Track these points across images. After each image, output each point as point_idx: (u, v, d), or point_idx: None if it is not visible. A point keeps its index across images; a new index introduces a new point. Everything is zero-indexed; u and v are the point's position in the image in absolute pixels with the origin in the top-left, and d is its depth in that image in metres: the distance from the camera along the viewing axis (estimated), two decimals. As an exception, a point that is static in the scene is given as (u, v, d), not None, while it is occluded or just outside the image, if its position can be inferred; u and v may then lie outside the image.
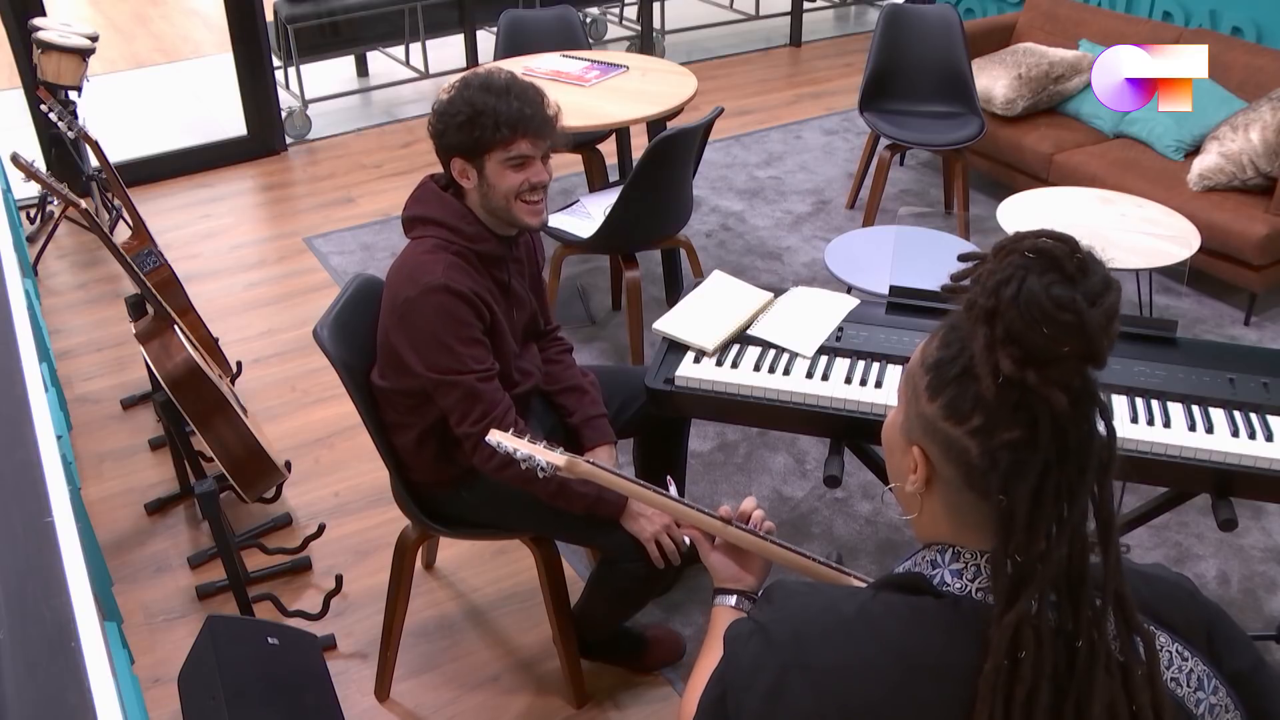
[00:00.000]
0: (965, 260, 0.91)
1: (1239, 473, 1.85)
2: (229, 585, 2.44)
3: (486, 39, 5.53)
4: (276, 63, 5.26)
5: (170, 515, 2.89)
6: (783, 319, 2.22)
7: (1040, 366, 0.83)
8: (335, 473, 3.04)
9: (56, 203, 2.71)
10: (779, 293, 2.31)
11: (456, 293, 1.91)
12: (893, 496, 1.05)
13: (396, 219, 2.10)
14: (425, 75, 5.80)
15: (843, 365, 2.09)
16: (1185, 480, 1.94)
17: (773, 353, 2.14)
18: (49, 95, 3.24)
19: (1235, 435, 1.89)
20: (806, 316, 2.22)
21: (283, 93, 5.24)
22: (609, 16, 6.82)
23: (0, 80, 6.18)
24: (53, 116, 3.19)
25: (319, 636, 2.37)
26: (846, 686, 0.90)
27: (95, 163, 3.89)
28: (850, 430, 2.04)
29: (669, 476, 1.66)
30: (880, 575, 1.01)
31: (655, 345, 2.21)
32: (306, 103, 5.34)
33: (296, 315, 3.82)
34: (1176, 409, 1.95)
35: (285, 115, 5.19)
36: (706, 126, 3.14)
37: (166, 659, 2.42)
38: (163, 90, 6.44)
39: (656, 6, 6.48)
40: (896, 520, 2.78)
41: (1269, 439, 1.88)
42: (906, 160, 4.92)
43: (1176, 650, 0.94)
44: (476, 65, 5.15)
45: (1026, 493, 0.86)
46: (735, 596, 1.30)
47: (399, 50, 5.86)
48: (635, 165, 2.99)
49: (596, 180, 3.89)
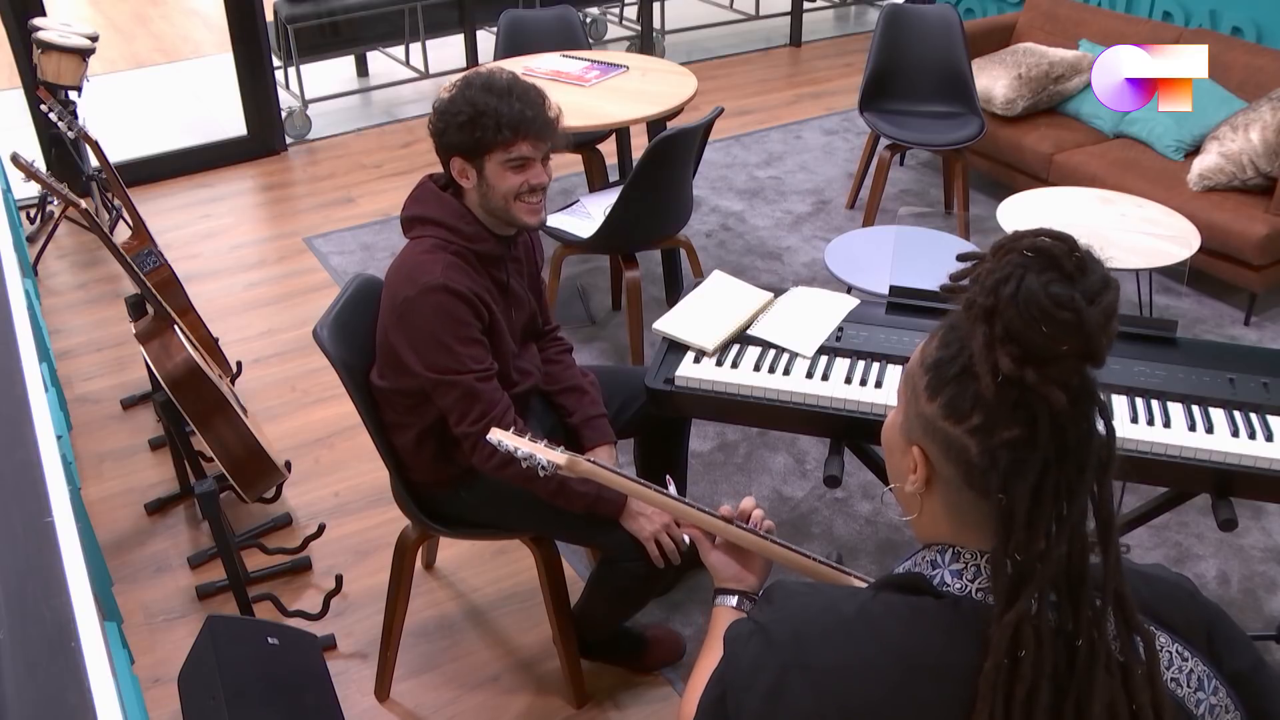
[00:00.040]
0: (964, 260, 0.92)
1: (1239, 473, 1.85)
2: (229, 585, 2.44)
3: (486, 39, 5.53)
4: (276, 63, 5.26)
5: (170, 515, 2.89)
6: (783, 319, 2.22)
7: (1039, 365, 0.84)
8: (335, 473, 3.04)
9: (56, 203, 2.71)
10: (779, 293, 2.31)
11: (455, 292, 1.91)
12: (893, 497, 1.05)
13: (396, 219, 2.10)
14: (425, 75, 5.80)
15: (843, 365, 2.09)
16: (1185, 480, 1.94)
17: (773, 353, 2.14)
18: (49, 95, 3.24)
19: (1235, 435, 1.89)
20: (806, 316, 2.22)
21: (283, 93, 5.24)
22: (609, 16, 6.82)
23: (0, 80, 6.19)
24: (53, 116, 3.19)
25: (319, 636, 2.37)
26: (846, 686, 0.91)
27: (95, 163, 3.89)
28: (850, 430, 2.04)
29: (668, 476, 1.66)
30: (880, 575, 1.01)
31: (655, 345, 2.21)
32: (306, 103, 5.34)
33: (296, 315, 3.82)
34: (1176, 409, 1.95)
35: (285, 115, 5.20)
36: (706, 126, 3.14)
37: (166, 659, 2.42)
38: (163, 90, 6.43)
39: (656, 6, 6.48)
40: (896, 520, 2.77)
41: (1269, 439, 1.88)
42: (906, 160, 4.92)
43: (1176, 650, 0.94)
44: (476, 65, 5.15)
45: (1026, 491, 0.86)
46: (736, 597, 1.30)
47: (399, 50, 5.86)
48: (635, 165, 2.99)
49: (596, 180, 3.89)
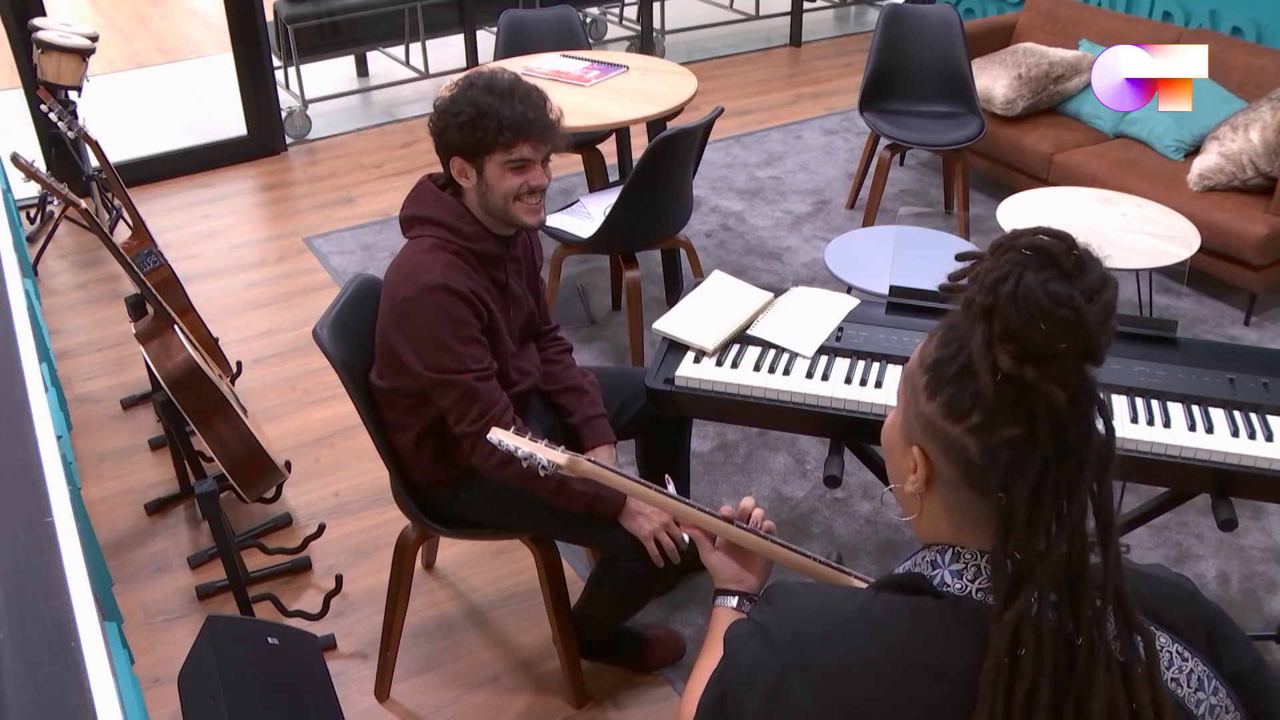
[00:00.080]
0: (962, 259, 0.92)
1: (1239, 473, 1.85)
2: (229, 585, 2.44)
3: (486, 39, 5.53)
4: (276, 63, 5.26)
5: (170, 515, 2.89)
6: (783, 319, 2.22)
7: (1038, 363, 0.84)
8: (335, 473, 3.04)
9: (56, 203, 2.71)
10: (779, 293, 2.31)
11: (455, 292, 1.91)
12: (893, 497, 1.05)
13: (396, 219, 2.10)
14: (425, 75, 5.80)
15: (843, 365, 2.09)
16: (1185, 480, 1.94)
17: (773, 353, 2.14)
18: (49, 95, 3.24)
19: (1235, 435, 1.89)
20: (806, 316, 2.22)
21: (283, 93, 5.24)
22: (609, 16, 6.82)
23: (0, 80, 6.19)
24: (53, 116, 3.19)
25: (319, 636, 2.37)
26: (846, 687, 0.90)
27: (95, 163, 3.89)
28: (850, 430, 2.04)
29: (666, 475, 1.66)
30: (880, 575, 1.01)
31: (655, 345, 2.21)
32: (306, 103, 5.34)
33: (296, 315, 3.82)
34: (1176, 409, 1.95)
35: (285, 115, 5.20)
36: (706, 126, 3.14)
37: (166, 659, 2.42)
38: (163, 90, 6.44)
39: (656, 6, 6.48)
40: (896, 520, 2.77)
41: (1269, 439, 1.88)
42: (906, 160, 4.92)
43: (1177, 651, 0.94)
44: (476, 65, 5.15)
45: (1026, 490, 0.86)
46: (736, 598, 1.30)
47: (399, 50, 5.86)
48: (635, 165, 2.99)
49: (596, 180, 3.88)
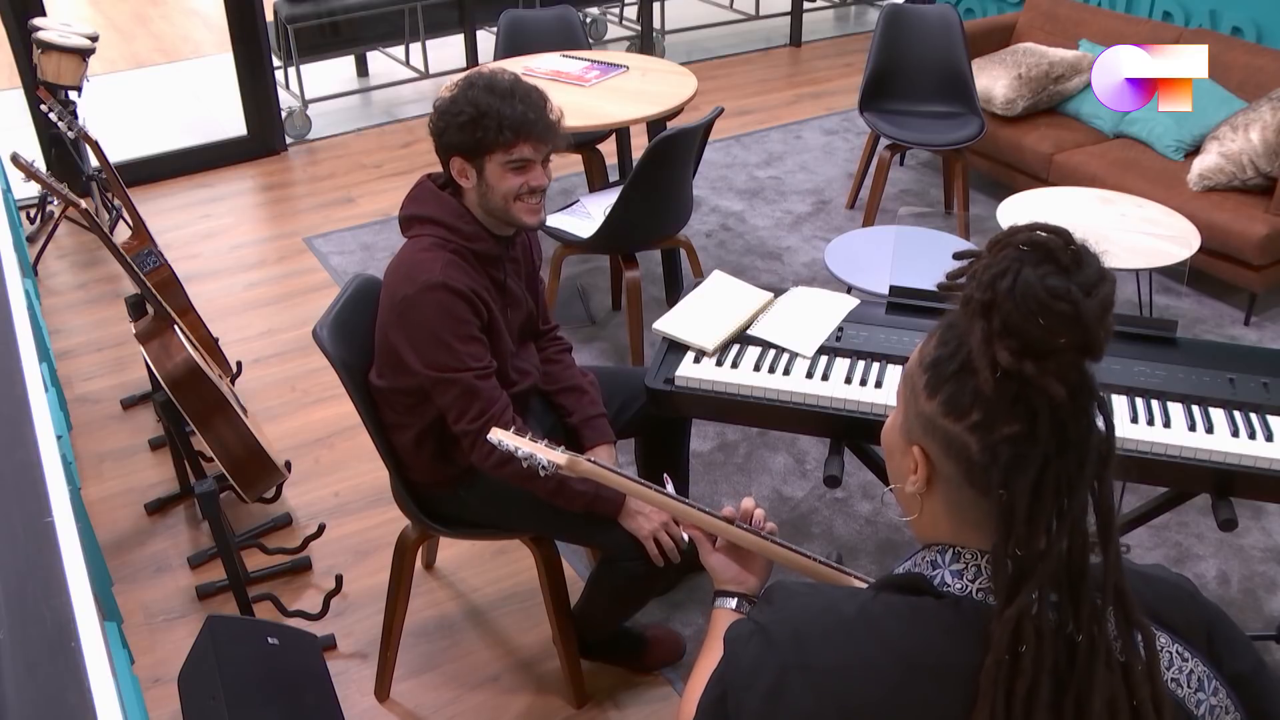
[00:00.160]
0: (961, 258, 0.92)
1: (1239, 473, 1.85)
2: (229, 585, 2.44)
3: (486, 39, 5.53)
4: (276, 63, 5.26)
5: (170, 515, 2.89)
6: (783, 319, 2.22)
7: (1038, 358, 0.83)
8: (335, 473, 3.04)
9: (56, 203, 2.71)
10: (779, 293, 2.31)
11: (454, 290, 1.91)
12: (893, 497, 1.05)
13: (396, 219, 2.10)
14: (425, 75, 5.80)
15: (843, 365, 2.09)
16: (1185, 480, 1.94)
17: (773, 353, 2.13)
18: (49, 95, 3.24)
19: (1235, 435, 1.89)
20: (806, 316, 2.22)
21: (283, 93, 5.24)
22: (609, 16, 6.82)
23: (0, 80, 6.19)
24: (53, 116, 3.19)
25: (319, 636, 2.37)
26: (847, 687, 0.90)
27: (95, 163, 3.89)
28: (850, 430, 2.04)
29: (665, 475, 1.66)
30: (880, 575, 1.01)
31: (655, 345, 2.21)
32: (306, 103, 5.34)
33: (296, 315, 3.82)
34: (1176, 409, 1.95)
35: (285, 115, 5.20)
36: (706, 126, 3.14)
37: (166, 659, 2.42)
38: (163, 90, 6.44)
39: (656, 6, 6.48)
40: (896, 520, 2.77)
41: (1269, 439, 1.87)
42: (906, 160, 4.92)
43: (1177, 651, 0.94)
44: (476, 65, 5.15)
45: (1026, 486, 0.86)
46: (736, 599, 1.30)
47: (399, 50, 5.86)
48: (635, 165, 2.99)
49: (596, 180, 3.89)
